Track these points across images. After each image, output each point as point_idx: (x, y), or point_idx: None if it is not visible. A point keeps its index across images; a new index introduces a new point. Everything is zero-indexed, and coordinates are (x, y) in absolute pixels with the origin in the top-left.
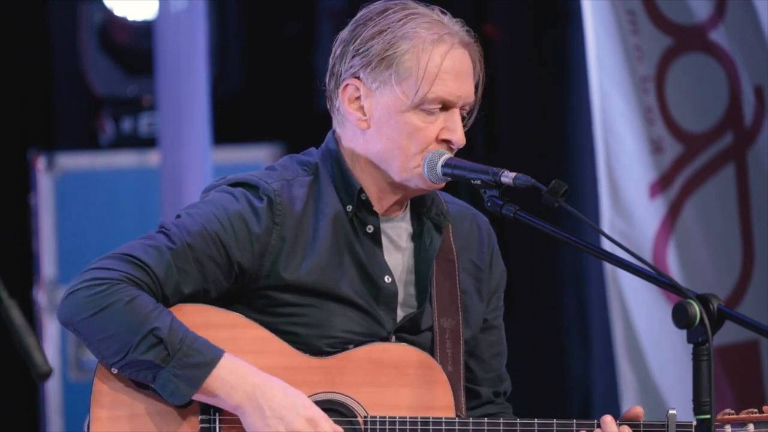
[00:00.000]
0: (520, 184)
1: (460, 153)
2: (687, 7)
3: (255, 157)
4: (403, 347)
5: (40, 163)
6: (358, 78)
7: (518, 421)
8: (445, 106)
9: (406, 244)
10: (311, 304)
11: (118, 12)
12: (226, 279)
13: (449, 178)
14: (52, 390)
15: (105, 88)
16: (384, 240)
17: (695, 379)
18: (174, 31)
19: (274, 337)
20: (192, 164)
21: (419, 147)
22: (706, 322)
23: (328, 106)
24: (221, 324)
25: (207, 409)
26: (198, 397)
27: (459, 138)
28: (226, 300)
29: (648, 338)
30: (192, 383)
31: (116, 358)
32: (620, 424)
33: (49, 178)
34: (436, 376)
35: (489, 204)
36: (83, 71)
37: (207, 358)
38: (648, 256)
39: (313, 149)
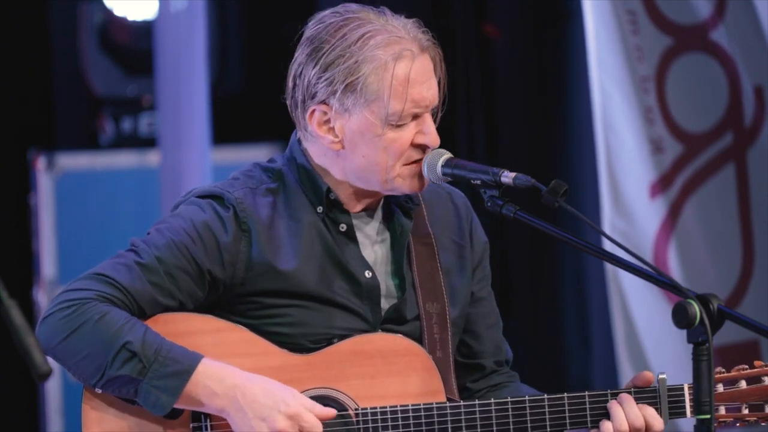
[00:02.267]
0: (520, 184)
1: (461, 153)
2: (687, 7)
3: (255, 157)
4: (388, 336)
5: (40, 163)
6: (324, 103)
7: (509, 399)
8: (415, 116)
9: (382, 235)
10: (294, 305)
11: (118, 12)
12: (200, 289)
13: (449, 178)
14: (52, 390)
15: (105, 88)
16: (359, 235)
17: (695, 379)
18: (174, 31)
19: (258, 338)
20: (192, 164)
21: (396, 157)
22: (706, 322)
23: (292, 117)
24: (204, 330)
25: (198, 415)
26: (181, 405)
27: (433, 140)
28: (205, 310)
29: (649, 338)
30: (172, 392)
31: (95, 378)
32: (615, 394)
33: (49, 178)
34: (423, 362)
35: (489, 204)
36: (83, 71)
37: (184, 365)
38: (649, 256)
39: (277, 155)
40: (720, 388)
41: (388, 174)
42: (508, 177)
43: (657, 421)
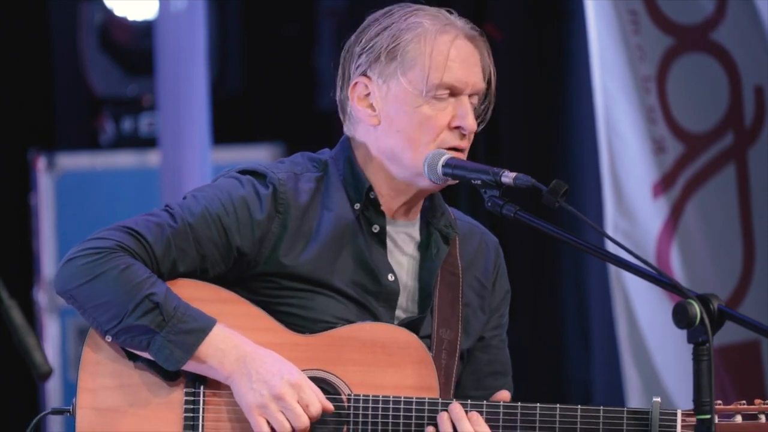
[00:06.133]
0: (521, 184)
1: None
2: (688, 7)
3: (255, 157)
4: (391, 327)
5: (40, 163)
6: (365, 75)
7: (501, 403)
8: (453, 93)
9: (412, 251)
10: (308, 290)
11: (118, 12)
12: (224, 262)
13: (449, 179)
14: (52, 390)
15: (105, 88)
16: (389, 242)
17: (696, 379)
18: (174, 31)
19: (262, 313)
20: (192, 164)
21: (431, 136)
22: (706, 322)
23: (340, 115)
24: (210, 299)
25: (192, 381)
26: (191, 365)
27: (470, 124)
28: (222, 283)
29: (652, 337)
30: (186, 348)
31: (111, 324)
32: (608, 410)
33: (49, 178)
34: (421, 357)
35: (489, 204)
36: (83, 71)
37: (201, 324)
38: (651, 256)
39: (326, 149)
40: (738, 419)
41: (420, 154)
42: (508, 177)
43: None
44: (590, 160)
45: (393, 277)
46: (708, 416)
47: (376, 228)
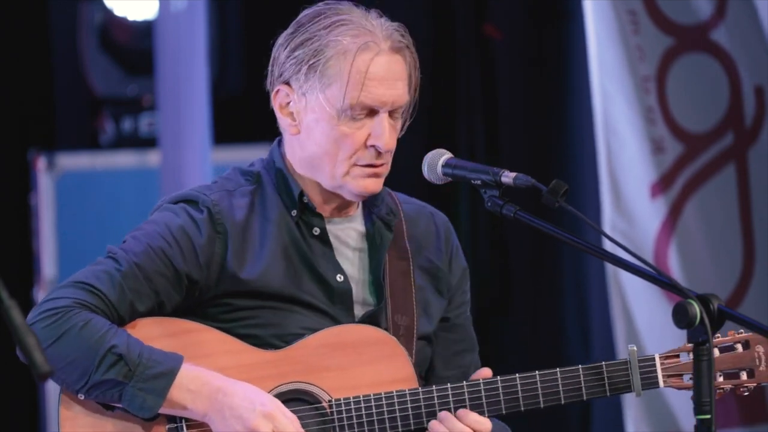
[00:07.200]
0: (521, 184)
1: (461, 153)
2: (688, 7)
3: (255, 158)
4: (357, 327)
5: (40, 163)
6: (288, 84)
7: (481, 380)
8: (371, 113)
9: (359, 244)
10: (265, 306)
11: (118, 12)
12: (177, 292)
13: (449, 178)
14: (52, 390)
15: (105, 88)
16: (333, 241)
17: (695, 379)
18: (174, 31)
19: (228, 337)
20: (192, 164)
21: (347, 153)
22: (706, 322)
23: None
24: (174, 332)
25: (173, 417)
26: (166, 410)
27: (385, 143)
28: (179, 315)
29: (650, 338)
30: (158, 393)
31: (80, 383)
32: (589, 369)
33: (49, 178)
34: (393, 350)
35: (489, 204)
36: (83, 71)
37: (168, 366)
38: (650, 256)
39: (257, 159)
40: (716, 352)
41: (336, 169)
42: (508, 177)
43: (484, 426)
44: (590, 160)
45: (342, 278)
46: (708, 416)
47: (316, 231)
